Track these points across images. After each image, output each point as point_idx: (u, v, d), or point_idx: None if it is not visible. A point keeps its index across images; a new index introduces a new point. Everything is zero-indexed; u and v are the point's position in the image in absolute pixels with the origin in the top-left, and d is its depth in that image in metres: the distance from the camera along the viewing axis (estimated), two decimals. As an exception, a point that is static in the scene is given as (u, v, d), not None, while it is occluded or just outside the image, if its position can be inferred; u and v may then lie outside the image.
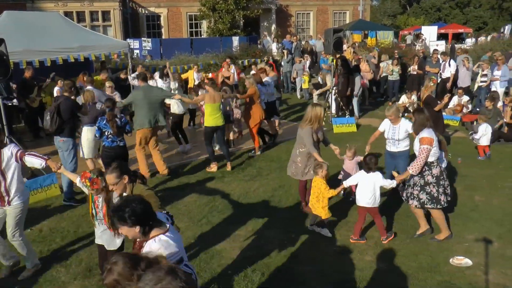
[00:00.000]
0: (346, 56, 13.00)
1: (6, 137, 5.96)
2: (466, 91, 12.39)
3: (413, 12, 42.91)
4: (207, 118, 7.87)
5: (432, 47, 20.26)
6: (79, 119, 7.21)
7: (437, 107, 8.06)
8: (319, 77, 14.31)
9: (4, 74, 7.17)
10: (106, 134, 6.42)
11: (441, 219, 5.23)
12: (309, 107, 5.88)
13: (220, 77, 12.34)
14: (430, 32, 24.95)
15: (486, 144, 8.50)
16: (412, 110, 11.41)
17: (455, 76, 12.76)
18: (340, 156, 6.20)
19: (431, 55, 14.47)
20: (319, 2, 27.11)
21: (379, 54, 15.44)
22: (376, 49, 16.87)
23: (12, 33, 9.56)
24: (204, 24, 24.58)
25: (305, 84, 14.90)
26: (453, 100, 11.66)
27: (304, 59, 15.93)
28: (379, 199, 5.23)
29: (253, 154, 8.80)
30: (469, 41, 25.20)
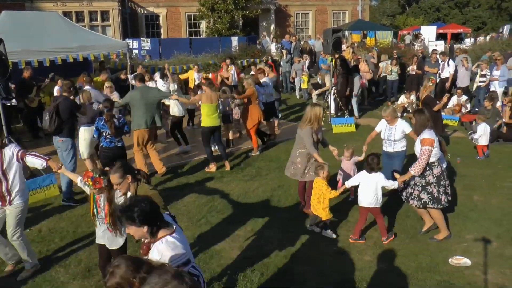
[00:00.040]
0: (345, 56, 13.01)
1: (5, 137, 5.94)
2: (465, 91, 12.40)
3: (412, 12, 42.95)
4: (204, 118, 7.88)
5: (431, 47, 20.30)
6: (77, 119, 7.21)
7: (436, 107, 8.07)
8: (318, 77, 14.32)
9: (3, 74, 7.16)
10: (104, 134, 6.41)
11: (440, 219, 5.24)
12: (308, 107, 5.86)
13: (219, 77, 12.33)
14: (429, 32, 25.00)
15: (484, 143, 8.52)
16: (411, 110, 11.49)
17: (454, 76, 12.78)
18: (338, 157, 6.20)
19: (430, 55, 14.47)
20: (318, 2, 27.12)
21: (379, 54, 15.45)
22: (375, 49, 16.87)
23: (11, 33, 9.54)
24: (203, 24, 24.59)
25: (304, 84, 14.90)
26: (452, 100, 11.67)
27: (303, 59, 15.92)
28: (381, 199, 5.23)
29: (251, 154, 8.80)
30: (468, 41, 25.24)
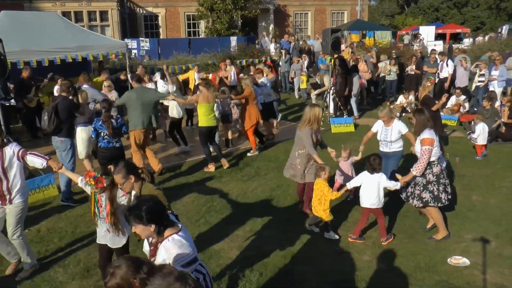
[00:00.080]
0: (344, 56, 13.01)
1: (5, 137, 5.93)
2: (464, 91, 12.42)
3: (411, 12, 42.98)
4: (202, 118, 7.87)
5: (430, 47, 20.33)
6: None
7: (434, 107, 8.08)
8: (317, 77, 14.32)
9: (2, 74, 7.16)
10: (102, 135, 6.38)
11: (439, 218, 5.25)
12: (307, 108, 5.84)
13: (217, 78, 12.32)
14: (428, 32, 25.01)
15: (482, 143, 8.53)
16: (409, 110, 11.50)
17: (453, 76, 12.80)
18: (336, 159, 6.21)
19: (429, 55, 14.48)
20: (317, 2, 27.13)
21: (378, 54, 15.45)
22: (374, 49, 16.88)
23: (10, 33, 9.54)
24: (202, 24, 24.58)
25: (303, 84, 14.90)
26: (451, 100, 11.68)
27: (302, 59, 15.92)
28: (383, 199, 5.23)
29: (250, 154, 8.81)
30: (466, 41, 25.22)
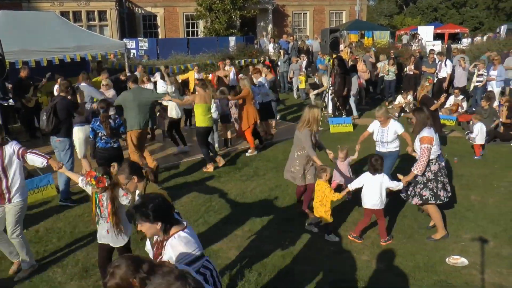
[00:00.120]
0: (342, 56, 13.02)
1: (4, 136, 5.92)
2: (462, 91, 12.44)
3: (409, 12, 43.06)
4: (199, 118, 7.86)
5: (429, 47, 20.35)
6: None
7: (433, 107, 8.09)
8: (315, 77, 14.32)
9: (0, 74, 7.14)
10: (100, 135, 6.33)
11: (438, 218, 5.26)
12: (306, 109, 5.84)
13: (216, 77, 12.32)
14: (426, 32, 25.05)
15: (480, 143, 8.55)
16: (408, 110, 11.51)
17: (452, 76, 12.82)
18: (334, 160, 6.22)
19: (427, 55, 14.49)
20: (315, 2, 27.14)
21: (376, 54, 15.46)
22: (373, 49, 16.89)
23: (8, 32, 9.52)
24: (200, 24, 24.58)
25: (301, 84, 14.89)
26: (449, 100, 11.70)
27: (300, 59, 15.92)
28: (385, 200, 5.23)
29: (248, 154, 8.81)
30: (465, 41, 25.29)
